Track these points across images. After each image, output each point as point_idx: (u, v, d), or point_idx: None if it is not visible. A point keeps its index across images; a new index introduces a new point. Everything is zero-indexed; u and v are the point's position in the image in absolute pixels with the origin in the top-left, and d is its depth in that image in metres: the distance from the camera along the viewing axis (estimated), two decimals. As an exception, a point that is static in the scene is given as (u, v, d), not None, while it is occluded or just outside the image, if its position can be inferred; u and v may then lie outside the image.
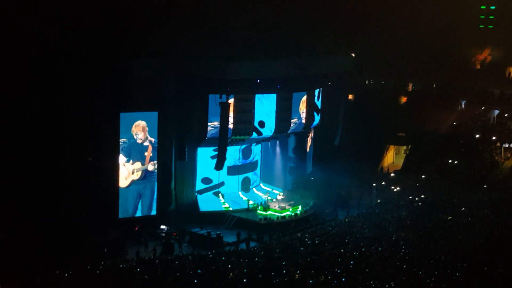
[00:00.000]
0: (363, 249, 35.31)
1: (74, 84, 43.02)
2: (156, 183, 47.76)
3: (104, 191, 44.99)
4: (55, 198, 41.68)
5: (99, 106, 43.93)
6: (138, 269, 33.94)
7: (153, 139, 47.07)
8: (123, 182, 46.60)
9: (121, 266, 35.51)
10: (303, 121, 52.73)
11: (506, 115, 66.35)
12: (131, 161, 46.53)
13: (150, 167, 47.52)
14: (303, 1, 60.87)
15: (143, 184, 47.27)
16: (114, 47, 44.44)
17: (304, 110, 52.53)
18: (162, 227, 46.12)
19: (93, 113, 43.77)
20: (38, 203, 40.78)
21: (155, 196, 47.57)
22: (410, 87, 76.52)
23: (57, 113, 42.98)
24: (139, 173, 47.21)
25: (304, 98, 52.32)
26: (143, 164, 47.18)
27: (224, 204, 51.40)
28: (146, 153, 47.23)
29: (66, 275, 32.59)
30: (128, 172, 46.68)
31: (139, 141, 46.59)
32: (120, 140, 45.77)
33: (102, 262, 35.90)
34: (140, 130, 46.42)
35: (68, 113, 43.16)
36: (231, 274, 31.28)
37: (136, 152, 46.71)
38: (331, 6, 67.19)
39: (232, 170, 53.82)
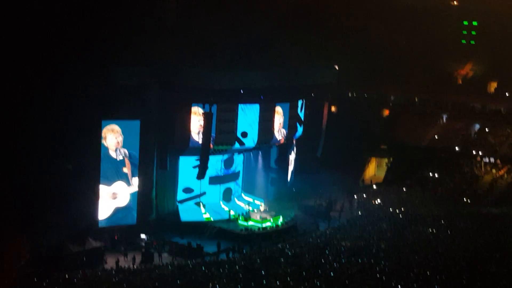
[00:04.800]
0: (343, 261, 35.34)
1: (56, 91, 42.71)
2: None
3: (84, 200, 44.55)
4: (34, 207, 41.22)
5: (81, 114, 43.55)
6: (117, 278, 33.71)
7: (126, 151, 45.35)
8: (104, 212, 44.98)
9: (100, 275, 35.24)
10: (277, 134, 52.76)
11: (487, 129, 67.02)
12: (107, 182, 44.74)
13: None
14: (288, 14, 61.12)
15: (125, 212, 45.76)
16: (98, 54, 44.24)
17: (279, 123, 52.57)
18: (142, 236, 45.75)
19: (74, 120, 43.39)
20: (16, 211, 40.31)
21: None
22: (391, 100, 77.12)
23: (38, 121, 42.60)
24: (126, 197, 45.21)
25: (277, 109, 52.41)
26: (128, 184, 45.56)
27: (205, 214, 51.17)
28: (125, 169, 45.39)
29: (45, 284, 32.28)
30: (108, 196, 44.97)
31: (112, 153, 44.78)
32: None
33: (81, 271, 35.60)
34: (115, 134, 44.43)
35: (49, 120, 42.79)
36: (210, 284, 31.13)
37: (111, 169, 45.08)
38: (315, 19, 67.57)
39: (214, 180, 53.69)
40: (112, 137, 44.86)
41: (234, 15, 52.48)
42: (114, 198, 44.99)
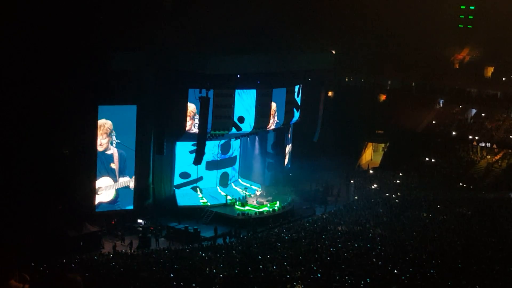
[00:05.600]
0: (339, 245, 35.51)
1: (52, 76, 42.58)
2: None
3: (81, 184, 44.60)
4: (31, 191, 41.27)
5: (78, 99, 43.55)
6: (114, 263, 33.82)
7: (116, 149, 44.97)
8: None
9: (97, 259, 35.36)
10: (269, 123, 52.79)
11: (483, 114, 67.05)
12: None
13: (132, 183, 45.98)
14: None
15: (110, 206, 45.38)
16: (94, 39, 44.06)
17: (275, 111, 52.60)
18: (139, 221, 45.88)
19: (71, 105, 43.38)
20: (13, 196, 40.34)
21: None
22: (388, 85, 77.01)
23: (35, 105, 42.51)
24: (111, 192, 45.10)
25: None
26: (115, 180, 45.32)
27: (202, 199, 51.29)
28: (113, 165, 45.13)
29: (42, 268, 32.33)
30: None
31: (99, 148, 44.75)
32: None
33: (78, 256, 35.71)
34: (106, 132, 44.41)
35: (46, 105, 42.72)
36: (207, 269, 31.27)
37: (99, 162, 44.80)
38: (312, 4, 67.27)
39: (211, 165, 53.73)
40: (104, 133, 44.59)
41: (231, 1, 52.27)
42: (98, 193, 44.79)
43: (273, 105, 52.37)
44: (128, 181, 45.98)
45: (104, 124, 44.73)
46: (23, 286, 8.07)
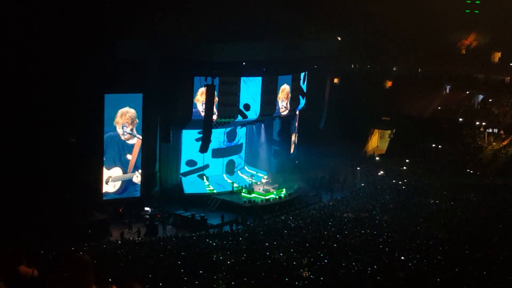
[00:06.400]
0: (346, 232, 35.53)
1: (58, 65, 42.59)
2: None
3: (89, 173, 44.71)
4: (39, 180, 41.42)
5: (84, 88, 43.50)
6: (122, 250, 33.99)
7: (141, 137, 45.22)
8: None
9: (105, 247, 35.54)
10: (281, 109, 52.67)
11: (490, 100, 66.76)
12: (107, 166, 44.83)
13: (136, 178, 45.94)
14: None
15: (118, 197, 45.38)
16: (99, 28, 43.99)
17: (284, 99, 52.41)
18: (146, 209, 46.04)
19: (77, 94, 43.38)
20: (21, 184, 40.51)
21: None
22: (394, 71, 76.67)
23: (41, 95, 42.56)
24: (117, 184, 44.97)
25: (283, 87, 52.26)
26: (125, 172, 45.32)
27: (208, 187, 51.43)
28: (129, 156, 45.20)
29: (51, 256, 32.51)
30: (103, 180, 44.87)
31: (123, 137, 44.98)
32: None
33: (86, 244, 35.91)
34: (127, 121, 44.56)
35: (52, 95, 42.75)
36: (214, 256, 31.38)
37: (115, 151, 44.87)
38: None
39: (217, 153, 53.80)
40: (128, 121, 44.67)
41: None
42: (106, 183, 44.86)
43: (287, 88, 52.19)
44: (133, 174, 45.75)
45: (126, 112, 44.68)
46: (32, 272, 8.15)
